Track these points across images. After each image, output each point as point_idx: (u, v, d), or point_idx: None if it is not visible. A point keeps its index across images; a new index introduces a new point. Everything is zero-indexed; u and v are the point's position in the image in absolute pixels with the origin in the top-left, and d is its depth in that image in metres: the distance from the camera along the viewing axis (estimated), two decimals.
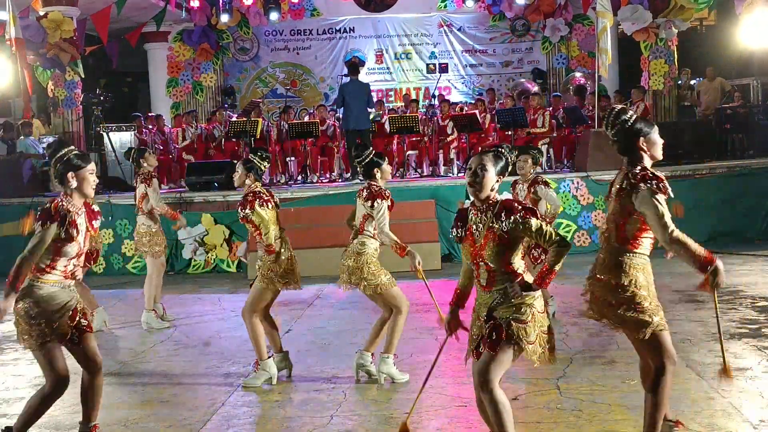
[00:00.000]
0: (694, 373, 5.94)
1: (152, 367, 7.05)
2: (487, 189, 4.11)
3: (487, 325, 4.06)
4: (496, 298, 4.08)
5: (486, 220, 4.09)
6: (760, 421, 4.91)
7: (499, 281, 4.08)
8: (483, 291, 4.15)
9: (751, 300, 8.34)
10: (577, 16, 18.67)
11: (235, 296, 10.22)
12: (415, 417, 5.36)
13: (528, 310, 4.03)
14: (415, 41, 19.52)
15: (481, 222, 4.11)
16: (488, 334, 4.03)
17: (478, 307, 4.18)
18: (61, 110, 15.13)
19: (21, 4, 13.95)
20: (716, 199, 12.37)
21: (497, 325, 4.02)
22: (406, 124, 14.06)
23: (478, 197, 4.13)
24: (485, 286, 4.13)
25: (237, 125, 14.55)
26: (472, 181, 4.12)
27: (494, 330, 4.02)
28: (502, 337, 3.99)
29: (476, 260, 4.14)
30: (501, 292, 4.07)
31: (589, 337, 7.19)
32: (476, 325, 4.17)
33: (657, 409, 4.28)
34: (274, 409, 5.77)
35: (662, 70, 15.11)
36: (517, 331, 3.99)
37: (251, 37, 19.37)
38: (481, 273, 4.12)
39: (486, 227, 4.07)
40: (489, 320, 4.07)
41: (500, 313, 4.05)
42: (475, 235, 4.12)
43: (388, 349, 6.10)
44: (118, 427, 5.45)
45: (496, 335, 4.00)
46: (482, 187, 4.11)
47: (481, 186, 4.11)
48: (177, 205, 12.63)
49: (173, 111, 18.61)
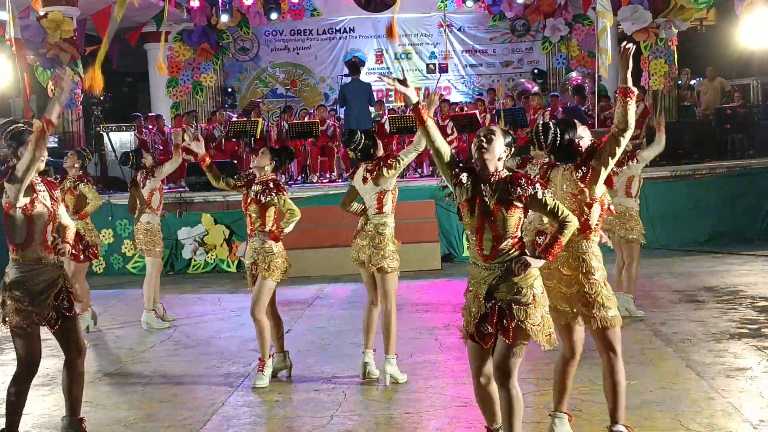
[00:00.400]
0: (694, 373, 5.93)
1: (152, 367, 7.04)
2: (496, 155, 4.07)
3: (488, 305, 4.02)
4: (498, 275, 4.03)
5: (498, 187, 4.03)
6: (760, 421, 4.91)
7: (503, 253, 4.03)
8: (483, 262, 4.07)
9: (751, 300, 8.34)
10: (577, 16, 18.67)
11: (235, 296, 10.22)
12: (415, 417, 5.37)
13: (528, 291, 4.01)
14: (415, 41, 19.52)
15: (492, 188, 4.04)
16: (497, 320, 3.99)
17: (476, 284, 4.11)
18: (61, 110, 15.10)
19: (21, 4, 13.94)
20: (716, 199, 12.37)
21: (501, 309, 4.00)
22: (406, 124, 14.06)
23: (487, 164, 4.07)
24: (488, 257, 4.05)
25: (237, 125, 14.55)
26: (481, 145, 4.06)
27: (499, 314, 3.99)
28: (511, 325, 3.96)
29: (482, 226, 4.05)
30: (503, 267, 4.02)
31: (590, 337, 7.17)
32: (475, 303, 4.09)
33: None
34: (274, 409, 5.77)
35: (662, 70, 15.13)
36: (518, 313, 3.97)
37: (251, 37, 19.37)
38: (485, 242, 4.05)
39: (498, 193, 4.02)
40: (489, 299, 4.03)
41: (501, 294, 4.01)
42: (485, 201, 4.04)
43: (389, 350, 6.09)
44: (118, 427, 5.45)
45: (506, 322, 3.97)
46: (492, 153, 4.06)
47: (490, 151, 4.05)
48: (177, 205, 12.66)
49: (173, 111, 18.60)
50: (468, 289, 4.18)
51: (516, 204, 4.02)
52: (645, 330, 7.33)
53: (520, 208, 4.03)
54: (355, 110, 13.51)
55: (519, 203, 4.02)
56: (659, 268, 10.41)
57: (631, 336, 7.16)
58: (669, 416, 5.07)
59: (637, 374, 5.95)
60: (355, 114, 13.52)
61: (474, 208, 4.08)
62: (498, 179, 4.07)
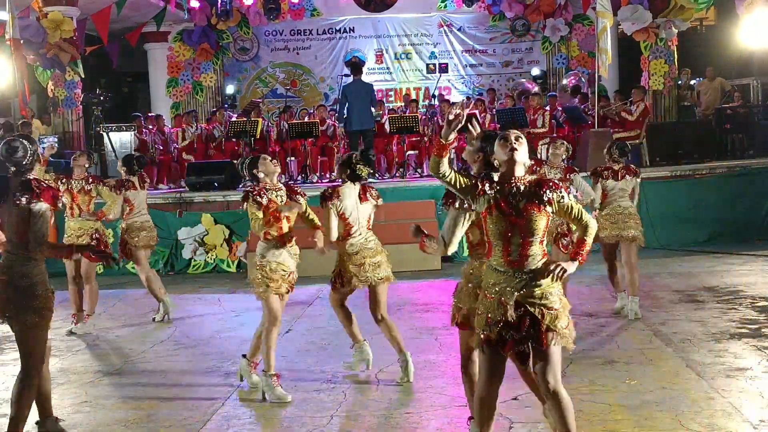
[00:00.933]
0: (694, 373, 5.93)
1: (152, 367, 7.04)
2: (524, 158, 4.06)
3: (519, 312, 3.97)
4: (525, 281, 3.98)
5: (526, 190, 4.02)
6: (760, 421, 4.91)
7: (532, 258, 4.00)
8: (509, 267, 4.02)
9: (751, 300, 8.34)
10: (577, 16, 18.67)
11: (235, 296, 10.22)
12: (415, 417, 5.37)
13: (557, 297, 4.01)
14: (415, 41, 19.52)
15: (521, 192, 4.02)
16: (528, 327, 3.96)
17: (499, 291, 4.02)
18: (61, 110, 15.14)
19: (21, 4, 13.95)
20: (716, 199, 12.36)
21: (533, 316, 3.96)
22: (406, 124, 14.06)
23: (515, 168, 4.03)
24: (514, 262, 4.01)
25: (237, 125, 14.55)
26: (513, 147, 4.01)
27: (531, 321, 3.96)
28: (544, 334, 3.95)
29: (509, 230, 4.01)
30: (530, 274, 3.98)
31: (589, 337, 7.19)
32: (498, 310, 4.00)
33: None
34: (274, 409, 5.76)
35: (662, 70, 15.12)
36: (549, 319, 3.96)
37: (251, 37, 19.37)
38: (513, 246, 4.01)
39: (526, 199, 4.00)
40: (519, 307, 3.98)
41: (532, 301, 3.97)
42: (513, 205, 4.01)
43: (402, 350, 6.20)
44: (118, 427, 5.45)
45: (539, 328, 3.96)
46: (523, 152, 4.04)
47: (522, 150, 4.03)
48: (177, 205, 12.67)
49: (173, 111, 18.60)
50: (486, 295, 4.09)
51: (545, 207, 4.01)
52: (645, 330, 7.33)
53: (547, 212, 4.03)
54: (357, 111, 13.49)
55: (548, 207, 4.01)
56: (659, 268, 10.40)
57: (631, 336, 7.17)
58: (669, 416, 5.06)
59: (637, 374, 5.96)
60: (356, 114, 13.50)
61: (500, 213, 4.03)
62: (525, 182, 4.06)
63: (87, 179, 8.37)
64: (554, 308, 3.99)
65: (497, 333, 4.00)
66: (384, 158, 15.10)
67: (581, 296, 8.76)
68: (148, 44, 18.94)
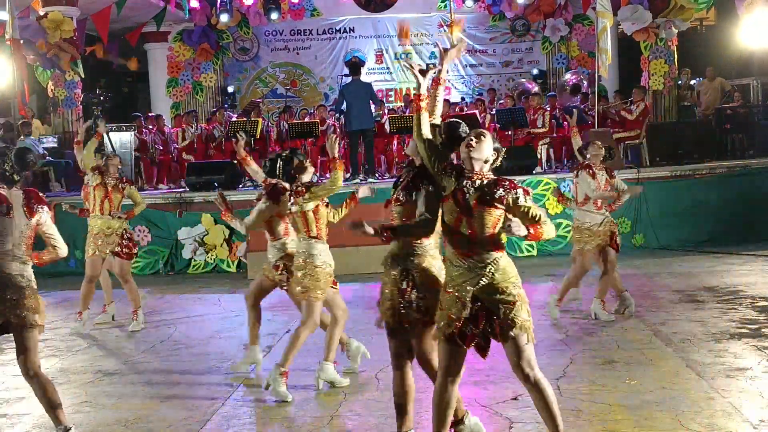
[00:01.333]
0: (694, 373, 5.93)
1: (152, 367, 7.04)
2: (485, 154, 4.12)
3: (475, 307, 4.05)
4: (480, 275, 4.03)
5: (480, 187, 4.07)
6: (760, 421, 4.91)
7: (480, 248, 4.05)
8: (460, 258, 4.08)
9: (751, 300, 8.34)
10: (577, 16, 18.68)
11: (235, 296, 10.20)
12: (415, 417, 5.36)
13: (513, 290, 4.06)
14: (415, 41, 19.51)
15: (474, 188, 4.08)
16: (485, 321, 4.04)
17: (456, 287, 4.09)
18: (61, 110, 15.13)
19: (21, 4, 13.95)
20: (716, 199, 12.36)
21: (489, 310, 4.04)
22: (406, 124, 14.04)
23: (473, 163, 4.11)
24: (465, 252, 4.06)
25: (237, 125, 14.54)
26: (470, 144, 4.11)
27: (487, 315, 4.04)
28: (499, 324, 4.02)
29: (459, 223, 4.08)
30: (483, 268, 4.02)
31: (589, 337, 7.19)
32: (456, 306, 4.08)
33: None
34: (274, 409, 5.76)
35: (662, 70, 15.12)
36: (506, 313, 4.02)
37: (251, 37, 19.38)
38: (462, 240, 4.08)
39: (480, 193, 4.05)
40: (475, 302, 4.06)
41: (487, 296, 4.05)
42: (465, 199, 4.07)
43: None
44: (118, 427, 5.45)
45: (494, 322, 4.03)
46: (480, 153, 4.11)
47: (478, 150, 4.10)
48: (177, 205, 12.66)
49: (173, 111, 18.60)
50: (446, 290, 4.17)
51: (496, 205, 4.04)
52: (645, 330, 7.33)
53: (499, 210, 4.05)
54: (356, 111, 13.48)
55: (499, 205, 4.04)
56: (659, 268, 10.40)
57: (631, 336, 7.17)
58: (669, 416, 5.06)
59: (637, 374, 5.96)
60: (356, 114, 13.50)
61: (455, 204, 4.10)
62: (481, 179, 4.11)
63: (122, 179, 8.54)
64: (511, 301, 4.04)
65: (458, 328, 4.08)
66: (384, 158, 15.09)
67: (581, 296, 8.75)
68: (148, 44, 18.94)
